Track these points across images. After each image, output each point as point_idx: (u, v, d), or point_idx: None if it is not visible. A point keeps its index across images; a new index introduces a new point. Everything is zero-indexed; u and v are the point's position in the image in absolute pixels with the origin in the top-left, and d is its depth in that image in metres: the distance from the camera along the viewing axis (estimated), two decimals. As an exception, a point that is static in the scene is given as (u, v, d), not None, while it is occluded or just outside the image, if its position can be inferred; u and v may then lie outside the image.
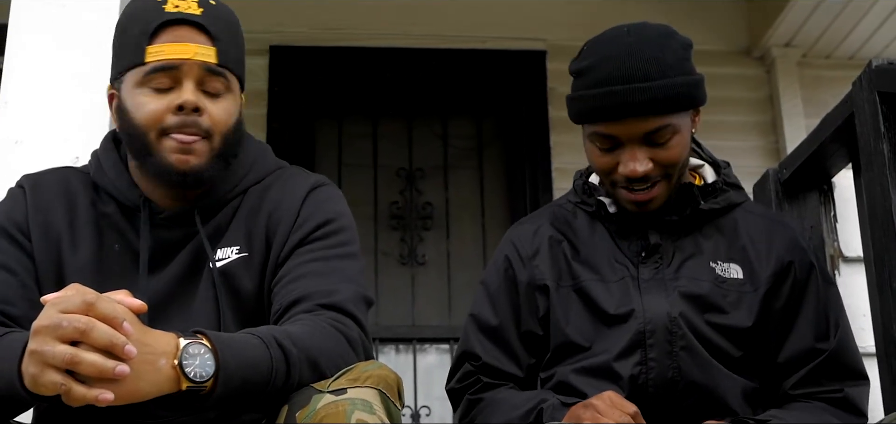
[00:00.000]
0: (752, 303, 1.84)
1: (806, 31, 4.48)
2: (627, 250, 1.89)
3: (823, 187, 2.61)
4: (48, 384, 1.23)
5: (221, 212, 1.66)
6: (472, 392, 1.93)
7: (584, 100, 1.82)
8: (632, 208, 1.85)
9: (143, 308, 1.32)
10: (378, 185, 4.56)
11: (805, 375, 1.84)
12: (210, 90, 1.58)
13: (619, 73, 1.75)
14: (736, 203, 1.95)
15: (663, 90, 1.75)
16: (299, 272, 1.58)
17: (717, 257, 1.88)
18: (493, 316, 1.94)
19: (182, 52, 1.56)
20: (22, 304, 1.55)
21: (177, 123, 1.55)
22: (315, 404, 1.32)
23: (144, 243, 1.61)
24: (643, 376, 1.79)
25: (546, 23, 4.57)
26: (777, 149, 4.50)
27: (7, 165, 2.23)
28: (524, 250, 1.96)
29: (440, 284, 4.46)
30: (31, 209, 1.64)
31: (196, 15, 1.58)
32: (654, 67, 1.75)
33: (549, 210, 2.04)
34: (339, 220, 1.66)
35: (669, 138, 1.79)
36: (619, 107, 1.75)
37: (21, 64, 2.33)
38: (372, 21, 4.49)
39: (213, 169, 1.58)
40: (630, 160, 1.78)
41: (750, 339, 1.83)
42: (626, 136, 1.78)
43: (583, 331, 1.86)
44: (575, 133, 4.70)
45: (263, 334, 1.39)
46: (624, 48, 1.78)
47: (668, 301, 1.82)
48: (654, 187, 1.81)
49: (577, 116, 1.87)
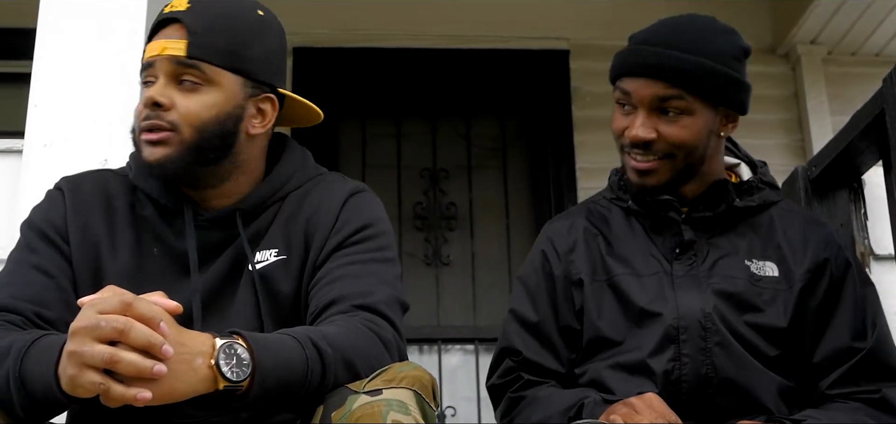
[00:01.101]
0: (787, 301, 1.83)
1: (831, 28, 4.45)
2: (661, 247, 1.89)
3: (853, 185, 2.60)
4: (87, 384, 1.23)
5: (262, 216, 1.67)
6: (513, 389, 1.93)
7: (621, 54, 1.89)
8: (634, 179, 1.87)
9: (179, 309, 1.33)
10: (402, 186, 4.57)
11: (842, 375, 1.82)
12: (186, 84, 1.58)
13: (651, 37, 1.84)
14: (772, 202, 1.94)
15: (681, 62, 1.79)
16: (336, 275, 1.58)
17: (753, 256, 1.87)
18: (533, 312, 1.94)
19: (155, 49, 1.60)
20: (58, 307, 1.56)
21: (144, 119, 1.58)
22: (350, 404, 1.32)
23: (191, 242, 1.61)
24: (676, 372, 1.78)
25: (569, 22, 4.56)
26: (803, 147, 4.47)
27: (36, 167, 2.25)
28: (560, 245, 1.96)
29: (464, 284, 4.45)
30: (70, 212, 1.64)
31: (180, 11, 1.60)
32: (684, 41, 1.80)
33: (584, 206, 2.04)
34: (376, 225, 1.67)
35: (679, 114, 1.80)
36: (635, 64, 1.83)
37: (49, 67, 2.34)
38: (395, 22, 4.49)
39: (184, 161, 1.57)
40: (637, 123, 1.82)
41: (785, 337, 1.82)
42: (638, 96, 1.82)
43: (615, 325, 1.85)
44: (599, 132, 4.70)
45: (299, 334, 1.39)
46: (672, 21, 1.85)
47: (701, 298, 1.81)
48: (654, 161, 1.83)
49: (611, 74, 1.92)
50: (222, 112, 1.60)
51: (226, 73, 1.60)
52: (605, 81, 4.75)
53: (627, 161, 1.87)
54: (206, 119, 1.58)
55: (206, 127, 1.58)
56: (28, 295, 1.54)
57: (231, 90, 1.61)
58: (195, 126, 1.57)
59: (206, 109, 1.58)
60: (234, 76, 1.62)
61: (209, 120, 1.58)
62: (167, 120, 1.56)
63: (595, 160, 4.35)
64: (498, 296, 4.33)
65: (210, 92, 1.59)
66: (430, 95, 4.66)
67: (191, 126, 1.57)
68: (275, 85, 1.69)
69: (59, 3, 2.39)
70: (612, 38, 4.47)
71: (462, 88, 4.65)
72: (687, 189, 1.89)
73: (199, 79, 1.58)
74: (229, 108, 1.61)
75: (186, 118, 1.57)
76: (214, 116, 1.59)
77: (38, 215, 1.66)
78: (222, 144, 1.61)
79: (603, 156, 4.29)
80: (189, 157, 1.57)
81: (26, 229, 1.65)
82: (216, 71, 1.59)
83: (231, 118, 1.61)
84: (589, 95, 4.52)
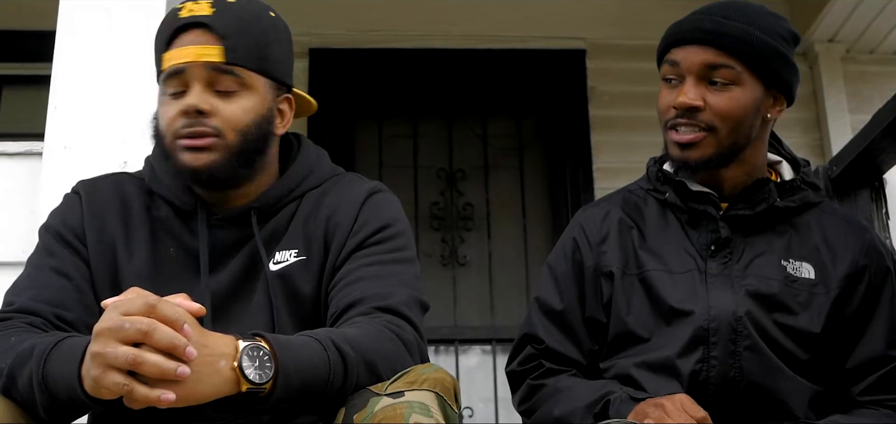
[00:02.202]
0: (822, 305, 1.80)
1: (849, 27, 4.42)
2: (696, 242, 1.85)
3: (875, 184, 2.59)
4: (110, 385, 1.24)
5: (279, 215, 1.67)
6: (533, 376, 1.91)
7: (672, 26, 1.87)
8: (676, 154, 1.84)
9: (202, 311, 1.33)
10: (418, 186, 4.57)
11: (874, 381, 1.80)
12: (222, 89, 1.59)
13: (708, 8, 1.83)
14: (813, 203, 1.90)
15: (736, 30, 1.77)
16: (356, 276, 1.58)
17: (790, 256, 1.83)
18: (558, 300, 1.92)
19: (185, 55, 1.58)
20: (77, 309, 1.57)
21: (184, 126, 1.57)
22: (373, 406, 1.32)
23: (203, 243, 1.61)
24: (704, 374, 1.76)
25: (585, 22, 4.56)
26: (821, 146, 4.45)
27: (56, 169, 2.26)
28: (593, 234, 1.93)
29: (481, 284, 4.45)
30: (87, 215, 1.65)
31: (205, 16, 1.59)
32: (740, 13, 1.79)
33: (620, 195, 2.00)
34: (395, 225, 1.67)
35: (727, 84, 1.78)
36: (688, 30, 1.81)
37: (69, 69, 2.35)
38: (411, 22, 4.50)
39: (229, 166, 1.58)
40: (684, 90, 1.80)
41: (817, 342, 1.79)
42: (687, 64, 1.80)
43: (643, 322, 1.83)
44: (616, 132, 4.68)
45: (321, 336, 1.39)
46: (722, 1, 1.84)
47: (734, 299, 1.78)
48: (698, 132, 1.80)
49: (659, 48, 1.90)
50: (259, 115, 1.62)
51: (257, 76, 1.62)
52: (622, 80, 4.74)
53: (670, 136, 1.84)
54: (247, 123, 1.60)
55: (249, 131, 1.60)
56: (47, 297, 1.55)
57: (262, 93, 1.63)
58: (238, 130, 1.58)
59: (246, 113, 1.60)
60: (264, 79, 1.63)
61: (250, 124, 1.60)
62: (211, 126, 1.57)
63: (612, 160, 4.35)
64: (515, 296, 4.33)
65: (247, 96, 1.60)
66: (446, 96, 4.66)
67: (234, 131, 1.58)
68: (290, 85, 1.71)
69: (79, 6, 2.39)
70: (628, 37, 4.53)
71: (478, 88, 4.64)
72: (727, 180, 1.85)
73: (235, 84, 1.59)
74: (263, 110, 1.63)
75: (230, 123, 1.58)
76: (253, 120, 1.60)
77: (55, 218, 1.67)
78: (263, 146, 1.63)
79: (620, 156, 4.31)
80: (235, 161, 1.59)
81: (44, 232, 1.66)
82: (250, 75, 1.61)
83: (265, 120, 1.63)
84: (606, 95, 4.51)
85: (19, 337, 1.43)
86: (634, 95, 4.41)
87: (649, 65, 4.72)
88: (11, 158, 2.38)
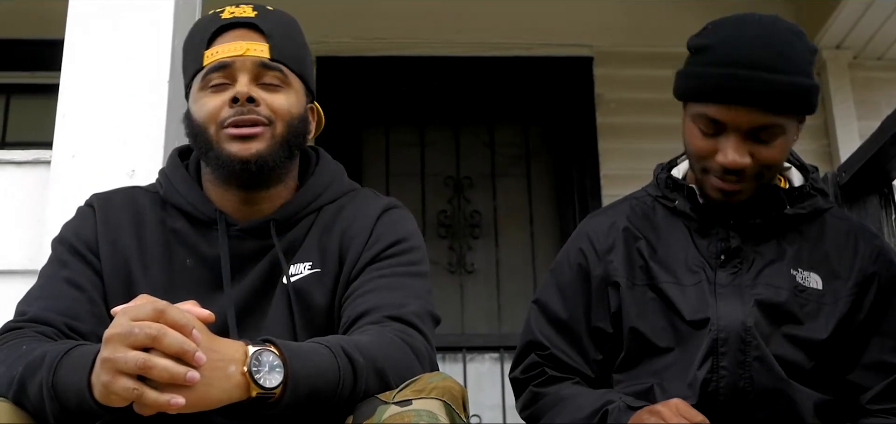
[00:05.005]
0: (829, 315, 1.78)
1: (857, 33, 4.42)
2: (706, 252, 1.84)
3: (884, 191, 2.57)
4: (120, 390, 1.24)
5: (296, 228, 1.68)
6: (536, 383, 1.90)
7: (702, 77, 1.73)
8: (717, 196, 1.79)
9: (211, 318, 1.34)
10: (426, 194, 4.57)
11: (883, 390, 1.79)
12: (267, 84, 1.64)
13: (746, 57, 1.67)
14: (822, 209, 1.88)
15: (787, 86, 1.67)
16: (369, 287, 1.60)
17: (799, 265, 1.82)
18: (563, 309, 1.91)
19: (234, 49, 1.63)
20: (90, 320, 1.57)
21: (233, 115, 1.60)
22: (380, 415, 1.32)
23: (224, 253, 1.62)
24: (714, 383, 1.75)
25: (592, 29, 4.56)
26: (829, 152, 4.44)
27: (64, 178, 2.26)
28: (599, 244, 1.91)
29: (489, 292, 4.45)
30: (101, 227, 1.66)
31: (249, 17, 1.66)
32: (782, 61, 1.68)
33: (627, 203, 1.98)
34: (409, 240, 1.69)
35: (775, 138, 1.72)
36: (739, 92, 1.67)
37: (77, 78, 2.35)
38: (417, 30, 4.50)
39: (277, 156, 1.63)
40: (731, 150, 1.71)
41: (826, 351, 1.78)
42: (734, 124, 1.70)
43: (656, 332, 1.82)
44: (623, 139, 4.67)
45: (331, 343, 1.39)
46: (753, 32, 1.70)
47: (743, 309, 1.77)
48: (744, 181, 1.75)
49: (688, 93, 1.78)
50: (300, 111, 1.68)
51: (296, 78, 1.69)
52: (630, 87, 4.72)
53: (713, 182, 1.77)
54: (294, 115, 1.66)
55: (294, 123, 1.66)
56: (60, 308, 1.56)
57: (300, 94, 1.70)
58: (286, 121, 1.64)
59: (290, 106, 1.66)
60: (300, 82, 1.71)
61: (295, 116, 1.66)
62: (263, 115, 1.61)
63: (619, 167, 4.34)
64: (523, 304, 4.32)
65: (289, 93, 1.67)
66: (453, 103, 4.66)
67: (283, 121, 1.64)
68: (315, 96, 1.78)
69: (87, 15, 2.40)
70: (635, 45, 4.53)
71: (485, 96, 4.65)
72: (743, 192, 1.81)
73: (279, 81, 1.65)
74: (302, 110, 1.70)
75: (279, 113, 1.63)
76: (297, 114, 1.67)
77: (68, 230, 1.68)
78: (302, 143, 1.70)
79: (628, 163, 4.30)
80: (282, 152, 1.63)
81: (57, 244, 1.67)
82: (292, 75, 1.68)
83: (304, 120, 1.70)
84: (613, 102, 4.51)
85: (30, 346, 1.44)
86: (642, 103, 4.41)
87: (657, 72, 4.74)
88: (20, 166, 2.38)
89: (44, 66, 3.70)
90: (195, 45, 1.68)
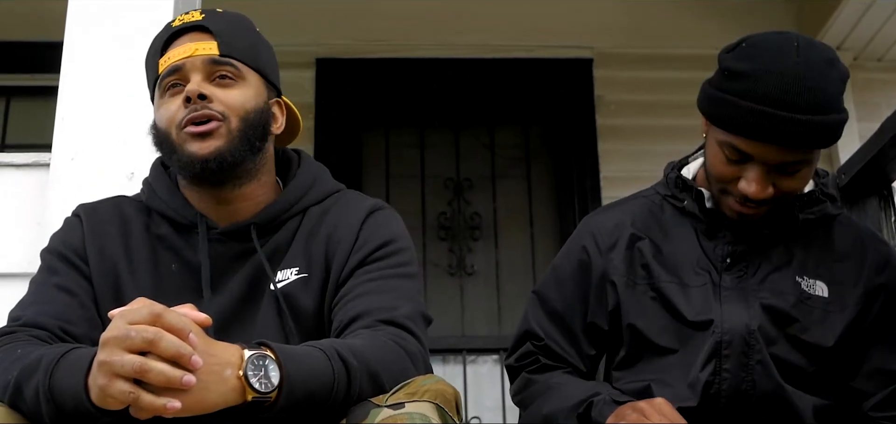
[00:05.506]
0: (835, 323, 1.78)
1: (857, 34, 4.41)
2: (712, 254, 1.83)
3: (884, 192, 2.57)
4: (117, 394, 1.24)
5: (280, 231, 1.69)
6: (529, 370, 1.93)
7: (735, 108, 1.68)
8: (732, 216, 1.79)
9: (208, 322, 1.34)
10: (426, 195, 4.57)
11: (886, 396, 1.78)
12: (220, 81, 1.65)
13: (784, 97, 1.62)
14: (831, 215, 1.86)
15: (821, 127, 1.63)
16: (359, 291, 1.60)
17: (804, 272, 1.81)
18: (561, 302, 1.93)
19: (184, 52, 1.66)
20: (82, 324, 1.59)
21: (187, 114, 1.61)
22: (373, 418, 1.33)
23: (204, 257, 1.63)
24: (716, 386, 1.76)
25: (592, 30, 4.55)
26: (829, 153, 4.42)
27: (63, 180, 2.26)
28: (603, 241, 1.91)
29: (489, 294, 4.45)
30: (88, 235, 1.68)
31: (197, 20, 1.69)
32: (819, 99, 1.62)
33: (635, 202, 1.97)
34: (397, 241, 1.69)
35: (800, 170, 1.71)
36: (775, 133, 1.63)
37: (76, 80, 2.36)
38: (417, 32, 4.50)
39: (237, 152, 1.63)
40: (755, 182, 1.69)
41: (830, 358, 1.78)
42: (762, 157, 1.68)
43: (657, 333, 1.82)
44: (623, 141, 4.66)
45: (325, 346, 1.40)
46: (791, 68, 1.63)
47: (747, 313, 1.77)
48: (762, 207, 1.75)
49: (719, 121, 1.73)
50: (257, 104, 1.68)
51: (252, 71, 1.70)
52: (630, 89, 4.72)
53: (731, 204, 1.76)
54: (249, 109, 1.66)
55: (249, 116, 1.66)
56: (53, 312, 1.58)
57: (257, 87, 1.70)
58: (240, 115, 1.64)
59: (246, 100, 1.66)
60: (257, 75, 1.71)
61: (250, 110, 1.66)
62: (216, 110, 1.62)
63: (620, 169, 4.34)
64: (523, 306, 4.28)
65: (244, 86, 1.68)
66: (453, 105, 4.66)
67: (237, 115, 1.64)
68: (280, 92, 1.78)
69: (86, 17, 2.40)
70: (636, 46, 4.53)
71: (485, 98, 4.65)
72: None
73: (232, 75, 1.66)
74: (260, 103, 1.70)
75: (232, 108, 1.64)
76: (253, 107, 1.67)
77: (56, 240, 1.71)
78: (264, 136, 1.69)
79: (628, 164, 4.30)
80: (242, 146, 1.63)
81: (46, 254, 1.69)
82: (245, 69, 1.68)
83: (263, 112, 1.70)
84: (613, 104, 4.51)
85: (25, 350, 1.45)
86: (642, 104, 4.41)
87: (657, 74, 4.73)
88: (19, 169, 2.39)
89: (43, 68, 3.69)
90: (151, 56, 1.72)
